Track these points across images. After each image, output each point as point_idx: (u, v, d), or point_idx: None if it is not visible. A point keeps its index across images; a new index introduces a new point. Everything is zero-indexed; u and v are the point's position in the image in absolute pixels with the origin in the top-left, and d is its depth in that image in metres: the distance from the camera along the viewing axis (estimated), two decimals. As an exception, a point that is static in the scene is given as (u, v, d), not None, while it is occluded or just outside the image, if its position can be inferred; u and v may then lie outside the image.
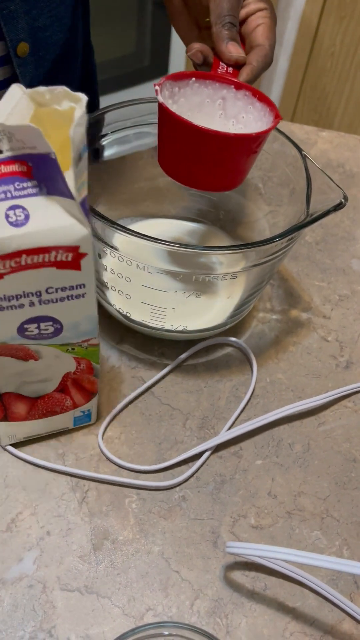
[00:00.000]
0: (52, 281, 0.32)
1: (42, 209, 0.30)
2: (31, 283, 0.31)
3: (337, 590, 0.39)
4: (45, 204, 0.30)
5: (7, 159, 0.29)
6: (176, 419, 0.47)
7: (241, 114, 0.45)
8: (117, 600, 0.38)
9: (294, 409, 0.46)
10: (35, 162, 0.29)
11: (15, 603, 0.37)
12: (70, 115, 0.29)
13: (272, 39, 0.45)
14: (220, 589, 0.39)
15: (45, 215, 0.30)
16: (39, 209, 0.30)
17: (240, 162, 0.43)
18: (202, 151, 0.41)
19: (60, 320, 0.34)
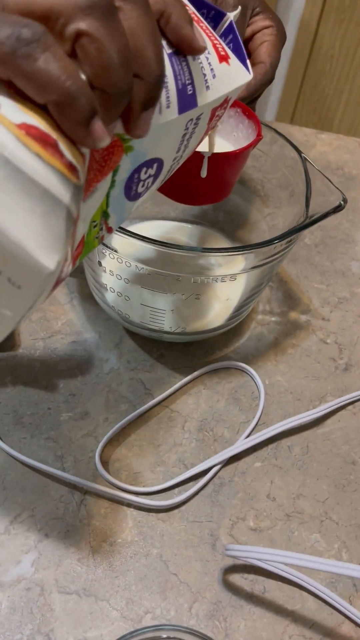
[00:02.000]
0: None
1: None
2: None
3: (336, 593, 0.39)
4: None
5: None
6: (175, 421, 0.47)
7: (233, 132, 0.46)
8: (115, 603, 0.37)
9: (297, 421, 0.46)
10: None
11: (13, 606, 0.37)
12: None
13: (275, 57, 0.45)
14: (219, 592, 0.38)
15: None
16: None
17: (226, 177, 0.44)
18: (192, 171, 0.42)
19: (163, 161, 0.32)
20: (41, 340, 0.50)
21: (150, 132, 0.27)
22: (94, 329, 0.51)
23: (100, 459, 0.43)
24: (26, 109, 0.22)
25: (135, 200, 0.33)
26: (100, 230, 0.32)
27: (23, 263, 0.22)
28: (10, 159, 0.21)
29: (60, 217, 0.23)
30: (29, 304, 0.25)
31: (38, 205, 0.22)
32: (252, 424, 0.46)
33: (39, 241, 0.22)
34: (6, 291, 0.23)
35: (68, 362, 0.49)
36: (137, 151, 0.29)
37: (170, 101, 0.28)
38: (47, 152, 0.22)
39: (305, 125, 1.62)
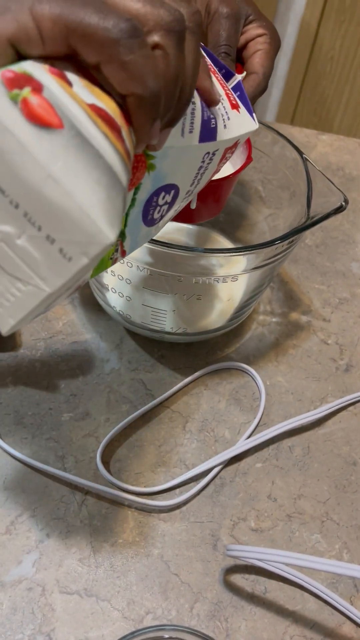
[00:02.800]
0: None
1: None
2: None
3: (337, 593, 0.39)
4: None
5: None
6: (176, 421, 0.47)
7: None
8: (116, 604, 0.37)
9: (298, 422, 0.46)
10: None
11: (14, 606, 0.37)
12: None
13: (268, 66, 0.45)
14: (220, 592, 0.39)
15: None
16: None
17: (216, 199, 0.45)
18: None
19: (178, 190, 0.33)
20: (42, 340, 0.50)
21: (172, 153, 0.29)
22: (95, 330, 0.51)
23: (101, 459, 0.43)
24: (95, 92, 0.23)
25: (150, 226, 0.34)
26: (116, 251, 0.33)
27: (84, 230, 0.22)
28: (82, 132, 0.22)
29: (120, 195, 0.23)
30: (68, 284, 0.24)
31: (103, 178, 0.23)
32: (253, 425, 0.47)
33: (103, 211, 0.22)
34: (54, 263, 0.23)
35: (69, 363, 0.49)
36: (158, 171, 0.30)
37: (194, 127, 0.30)
38: (113, 134, 0.23)
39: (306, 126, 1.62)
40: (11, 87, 0.22)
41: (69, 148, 0.22)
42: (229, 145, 0.34)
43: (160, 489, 0.42)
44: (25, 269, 0.24)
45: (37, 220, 0.23)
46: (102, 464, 0.43)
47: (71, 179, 0.22)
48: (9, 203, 0.23)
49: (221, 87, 0.35)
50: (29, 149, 0.22)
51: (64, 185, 0.22)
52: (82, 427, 0.45)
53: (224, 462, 0.44)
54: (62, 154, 0.22)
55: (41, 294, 0.24)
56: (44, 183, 0.22)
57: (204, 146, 0.31)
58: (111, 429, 0.45)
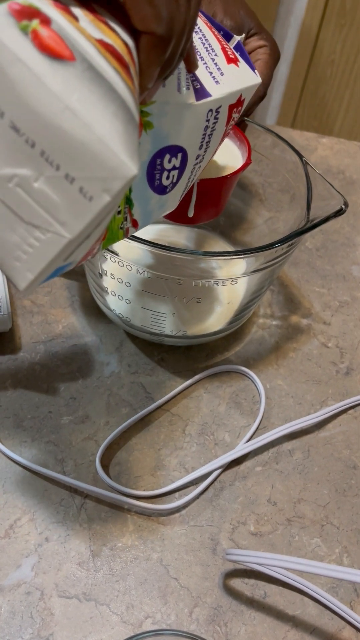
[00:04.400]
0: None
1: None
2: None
3: (337, 598, 0.39)
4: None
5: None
6: (175, 424, 0.46)
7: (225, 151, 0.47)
8: (115, 608, 0.37)
9: (298, 425, 0.46)
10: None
11: (13, 610, 0.37)
12: None
13: (267, 75, 0.47)
14: (220, 597, 0.38)
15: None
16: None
17: (215, 200, 0.45)
18: (184, 197, 0.43)
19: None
20: (42, 343, 0.50)
21: (170, 110, 0.28)
22: (95, 333, 0.51)
23: (101, 462, 0.43)
24: (102, 28, 0.23)
25: (161, 193, 0.32)
26: (125, 220, 0.31)
27: (106, 163, 0.21)
28: (94, 65, 0.21)
29: (135, 131, 0.22)
30: (90, 230, 0.23)
31: (119, 112, 0.22)
32: (253, 428, 0.46)
33: (123, 143, 0.22)
34: (74, 204, 0.22)
35: (69, 366, 0.49)
36: (157, 130, 0.29)
37: (189, 85, 0.30)
38: (123, 70, 0.22)
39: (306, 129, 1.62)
40: (20, 18, 0.22)
41: (83, 80, 0.21)
42: (232, 102, 0.33)
43: (160, 493, 0.42)
44: (43, 215, 0.23)
45: (55, 159, 0.22)
46: (101, 468, 0.43)
47: (89, 111, 0.21)
48: (25, 142, 0.22)
49: (217, 41, 0.35)
50: (43, 80, 0.21)
51: (82, 116, 0.21)
52: (81, 431, 0.45)
53: (224, 465, 0.44)
54: (78, 85, 0.21)
55: (61, 241, 0.23)
56: (61, 116, 0.21)
57: (203, 104, 0.31)
58: (111, 432, 0.45)
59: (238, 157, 0.47)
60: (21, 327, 0.51)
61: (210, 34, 0.35)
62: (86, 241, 0.24)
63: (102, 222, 0.24)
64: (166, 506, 0.41)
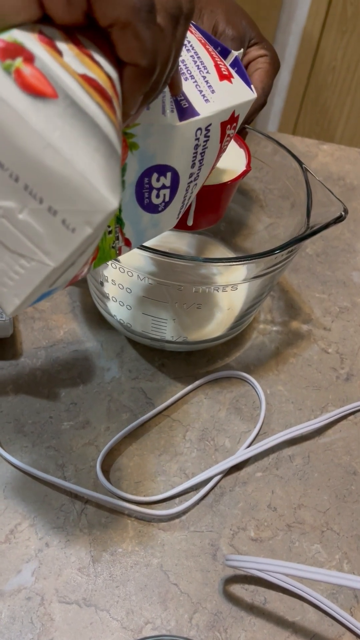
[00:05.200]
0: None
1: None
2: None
3: (337, 604, 0.39)
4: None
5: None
6: (176, 430, 0.47)
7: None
8: (115, 613, 0.37)
9: (299, 431, 0.46)
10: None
11: (13, 615, 0.37)
12: None
13: (267, 83, 0.47)
14: (220, 603, 0.38)
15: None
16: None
17: (215, 206, 0.45)
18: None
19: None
20: (43, 349, 0.50)
21: (155, 132, 0.29)
22: (96, 338, 0.51)
23: (101, 468, 0.43)
24: (86, 62, 0.23)
25: (152, 212, 0.33)
26: (117, 239, 0.32)
27: (87, 197, 0.22)
28: (76, 101, 0.22)
29: (117, 164, 0.23)
30: (72, 259, 0.24)
31: (101, 146, 0.22)
32: (253, 434, 0.46)
33: (104, 177, 0.22)
34: (57, 235, 0.23)
35: (70, 371, 0.49)
36: (143, 150, 0.30)
37: (173, 107, 0.30)
38: (105, 104, 0.23)
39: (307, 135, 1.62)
40: (3, 57, 0.22)
41: (65, 117, 0.22)
42: (224, 119, 0.34)
43: (160, 498, 0.42)
44: (28, 245, 0.24)
45: (38, 192, 0.23)
46: (102, 473, 0.43)
47: (70, 147, 0.22)
48: (9, 177, 0.23)
49: (210, 58, 0.35)
50: (26, 119, 0.22)
51: (63, 153, 0.22)
52: (82, 436, 0.45)
53: (224, 471, 0.44)
54: (59, 122, 0.22)
55: (46, 269, 0.24)
56: (43, 152, 0.22)
57: (189, 123, 0.31)
58: (111, 437, 0.45)
59: (238, 163, 0.47)
60: (22, 333, 0.51)
61: (203, 50, 0.35)
62: (71, 268, 0.25)
63: (86, 250, 0.25)
64: (166, 512, 0.41)
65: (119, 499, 0.42)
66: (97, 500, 0.42)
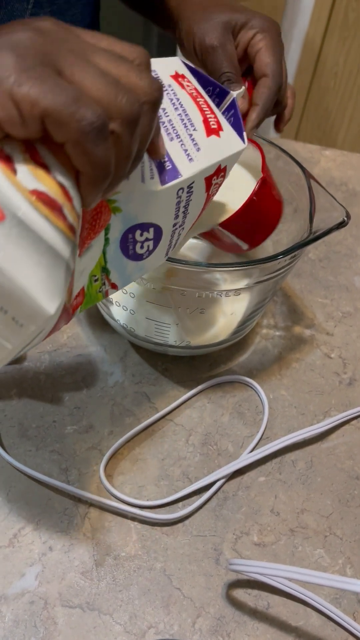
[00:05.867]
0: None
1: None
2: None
3: (340, 609, 0.39)
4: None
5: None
6: (179, 434, 0.47)
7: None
8: (118, 618, 0.37)
9: (301, 436, 0.46)
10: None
11: (17, 619, 0.37)
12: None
13: (273, 61, 0.45)
14: (223, 607, 0.38)
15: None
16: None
17: (254, 224, 0.45)
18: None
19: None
20: (47, 353, 0.50)
21: (135, 197, 0.32)
22: (100, 343, 0.52)
23: (105, 472, 0.43)
24: (38, 175, 0.25)
25: (137, 260, 0.36)
26: (103, 285, 0.36)
27: (28, 306, 0.25)
28: (23, 220, 0.25)
29: (60, 269, 0.26)
30: (28, 341, 0.28)
31: (43, 259, 0.25)
32: (256, 438, 0.47)
33: (42, 289, 0.26)
34: (10, 328, 0.27)
35: (73, 375, 0.49)
36: (125, 213, 0.32)
37: (154, 173, 0.32)
38: (53, 215, 0.25)
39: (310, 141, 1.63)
40: None
41: (10, 237, 0.24)
42: (209, 174, 0.35)
43: (163, 503, 0.42)
44: None
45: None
46: (105, 477, 0.43)
47: (12, 266, 0.24)
48: None
49: (199, 112, 0.36)
50: None
51: (6, 272, 0.24)
52: (85, 440, 0.45)
53: (227, 475, 0.44)
54: (4, 243, 0.24)
55: (5, 350, 0.28)
56: None
57: (171, 186, 0.32)
58: (115, 441, 0.45)
59: (250, 181, 0.46)
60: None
61: (192, 106, 0.36)
62: (28, 346, 0.30)
63: (39, 334, 0.29)
64: (169, 516, 0.41)
65: (122, 503, 0.42)
66: (101, 504, 0.42)
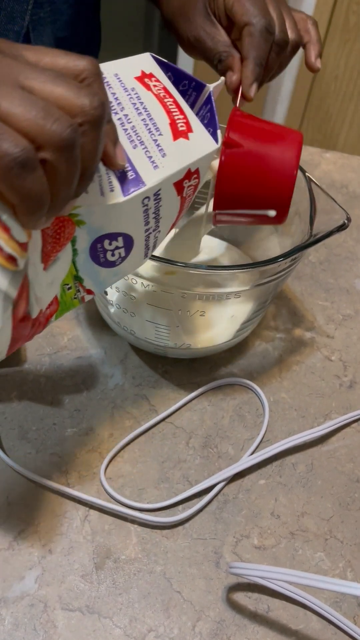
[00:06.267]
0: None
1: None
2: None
3: (341, 612, 0.39)
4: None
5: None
6: (179, 437, 0.47)
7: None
8: (118, 621, 0.37)
9: (302, 438, 0.46)
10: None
11: (17, 622, 0.37)
12: None
13: (251, 4, 0.43)
14: (223, 611, 0.38)
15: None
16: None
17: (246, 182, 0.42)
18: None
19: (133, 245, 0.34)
20: (47, 355, 0.50)
21: (97, 210, 0.31)
22: (100, 345, 0.52)
23: (105, 474, 0.43)
24: None
25: (110, 267, 0.35)
26: (78, 292, 0.36)
27: None
28: None
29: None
30: None
31: None
32: (257, 441, 0.47)
33: None
34: None
35: (73, 378, 0.49)
36: (89, 225, 0.32)
37: (113, 186, 0.31)
38: None
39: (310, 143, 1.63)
40: None
41: None
42: (177, 179, 0.33)
43: (163, 505, 0.42)
44: None
45: None
46: (105, 480, 0.43)
47: None
48: None
49: (166, 115, 0.34)
50: None
51: None
52: (85, 443, 0.45)
53: (227, 478, 0.44)
54: None
55: None
56: None
57: (135, 196, 0.31)
58: (115, 444, 0.45)
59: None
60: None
61: (159, 108, 0.34)
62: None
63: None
64: (170, 519, 0.41)
65: (122, 506, 0.42)
66: (101, 507, 0.42)
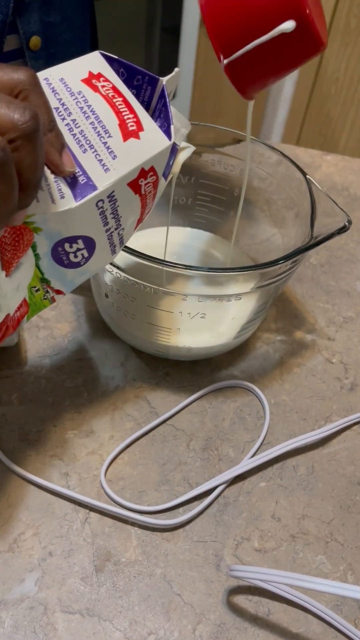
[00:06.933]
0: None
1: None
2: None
3: (342, 616, 0.39)
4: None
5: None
6: (180, 439, 0.47)
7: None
8: (118, 624, 0.37)
9: (303, 441, 0.46)
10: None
11: (16, 624, 0.37)
12: None
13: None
14: (223, 614, 0.38)
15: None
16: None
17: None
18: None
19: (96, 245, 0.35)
20: (48, 357, 0.50)
21: (51, 217, 0.32)
22: (100, 347, 0.52)
23: (105, 477, 0.43)
24: None
25: (75, 267, 0.36)
26: (47, 292, 0.36)
27: None
28: None
29: None
30: None
31: None
32: (257, 444, 0.46)
33: None
34: None
35: (74, 380, 0.49)
36: (47, 231, 0.33)
37: (64, 192, 0.31)
38: None
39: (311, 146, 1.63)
40: None
41: None
42: (131, 179, 0.34)
43: (164, 508, 0.42)
44: None
45: None
46: (105, 482, 0.43)
47: None
48: None
49: (115, 115, 0.34)
50: None
51: None
52: (86, 445, 0.45)
53: (228, 481, 0.44)
54: None
55: None
56: None
57: (88, 200, 0.32)
58: (115, 446, 0.45)
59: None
60: (27, 342, 0.51)
61: (107, 109, 0.34)
62: None
63: None
64: (170, 521, 0.41)
65: (123, 508, 0.42)
66: (101, 510, 0.42)
